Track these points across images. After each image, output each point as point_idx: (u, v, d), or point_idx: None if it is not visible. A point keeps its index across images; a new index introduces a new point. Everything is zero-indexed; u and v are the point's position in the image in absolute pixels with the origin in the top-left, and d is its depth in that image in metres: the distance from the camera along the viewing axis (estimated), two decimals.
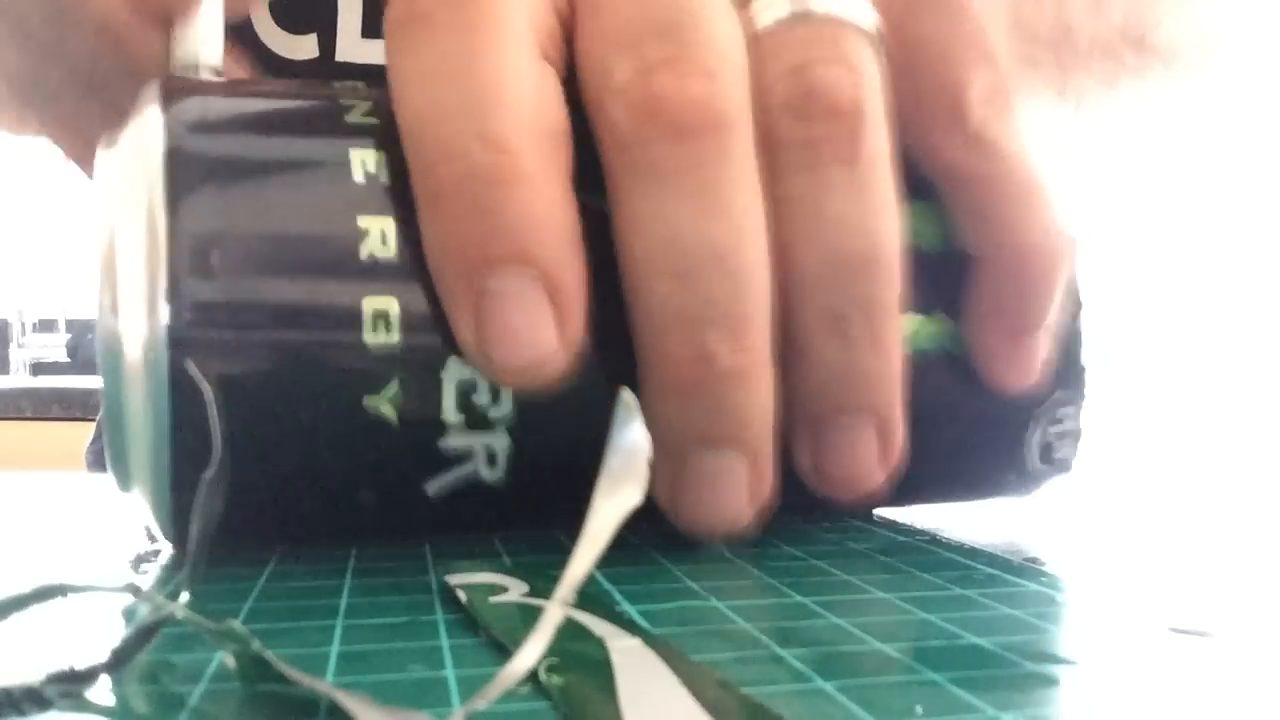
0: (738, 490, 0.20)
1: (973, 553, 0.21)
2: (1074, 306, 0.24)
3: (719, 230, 0.19)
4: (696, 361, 0.19)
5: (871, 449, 0.21)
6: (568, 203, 0.19)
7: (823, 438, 0.21)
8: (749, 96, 0.19)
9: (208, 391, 0.17)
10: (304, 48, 0.40)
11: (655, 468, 0.20)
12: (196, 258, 0.18)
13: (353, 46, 0.40)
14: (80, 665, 0.13)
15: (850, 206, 0.20)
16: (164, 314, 0.18)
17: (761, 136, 0.20)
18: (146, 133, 0.19)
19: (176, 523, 0.19)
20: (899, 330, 0.20)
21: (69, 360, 2.10)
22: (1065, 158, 0.45)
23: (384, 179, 0.19)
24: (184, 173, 0.18)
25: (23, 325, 2.12)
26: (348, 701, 0.11)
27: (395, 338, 0.19)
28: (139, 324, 0.19)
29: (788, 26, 0.20)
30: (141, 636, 0.13)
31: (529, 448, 0.20)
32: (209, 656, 0.14)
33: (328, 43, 0.40)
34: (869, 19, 0.21)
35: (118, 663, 0.13)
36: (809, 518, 0.24)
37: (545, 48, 0.20)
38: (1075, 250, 0.22)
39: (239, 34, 0.39)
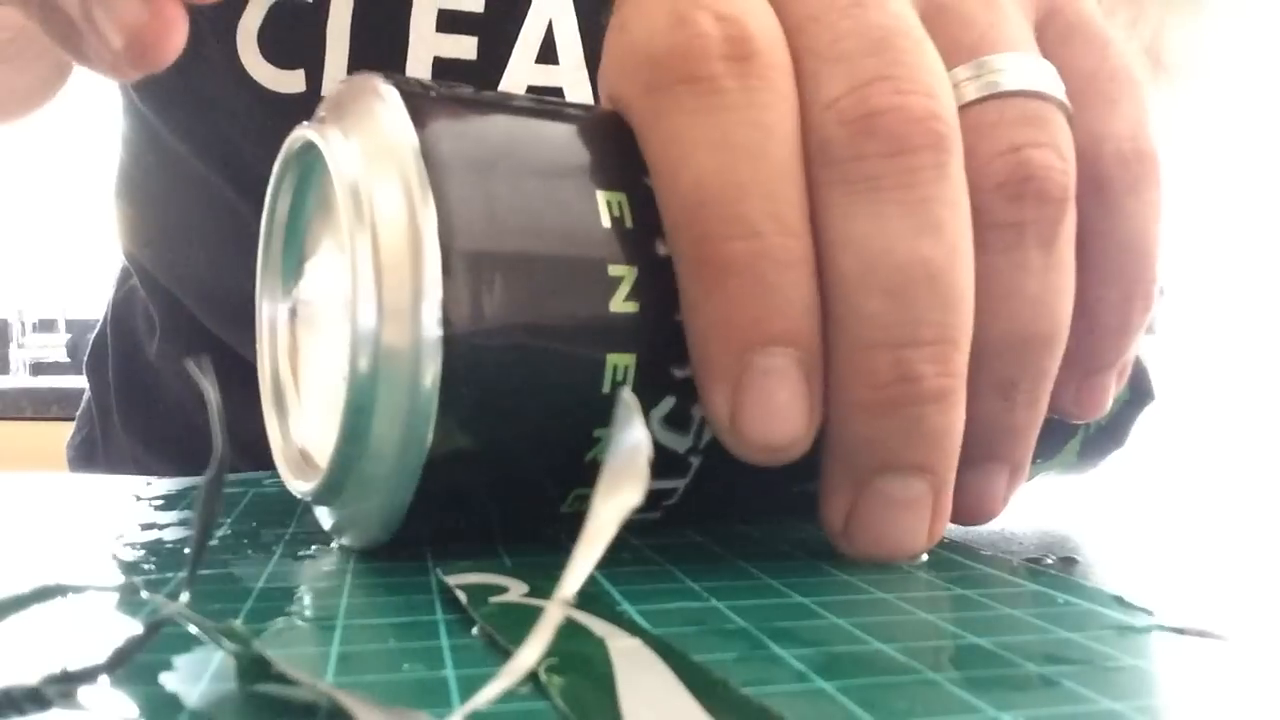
0: (920, 521, 0.19)
1: (973, 553, 0.21)
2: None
3: (933, 249, 0.18)
4: (900, 382, 0.18)
5: (1002, 491, 0.22)
6: (818, 285, 0.19)
7: (961, 477, 0.20)
8: (959, 123, 0.19)
9: (209, 391, 0.17)
10: (291, 82, 0.40)
11: (829, 493, 0.20)
12: (469, 273, 0.18)
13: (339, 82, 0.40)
14: (80, 665, 0.13)
15: (1044, 290, 0.20)
16: (431, 325, 0.18)
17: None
18: (394, 134, 0.18)
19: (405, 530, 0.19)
20: (1050, 390, 0.21)
21: (69, 360, 2.10)
22: None
23: (628, 224, 0.19)
24: (450, 181, 0.18)
25: (23, 325, 2.12)
26: (348, 701, 0.11)
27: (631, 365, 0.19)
28: (393, 326, 0.18)
29: (998, 101, 0.20)
30: (141, 636, 0.13)
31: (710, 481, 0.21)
32: (209, 656, 0.14)
33: (314, 78, 0.40)
34: (1063, 93, 0.21)
35: (118, 663, 0.13)
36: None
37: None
38: (1156, 304, 0.22)
39: (227, 69, 0.39)
